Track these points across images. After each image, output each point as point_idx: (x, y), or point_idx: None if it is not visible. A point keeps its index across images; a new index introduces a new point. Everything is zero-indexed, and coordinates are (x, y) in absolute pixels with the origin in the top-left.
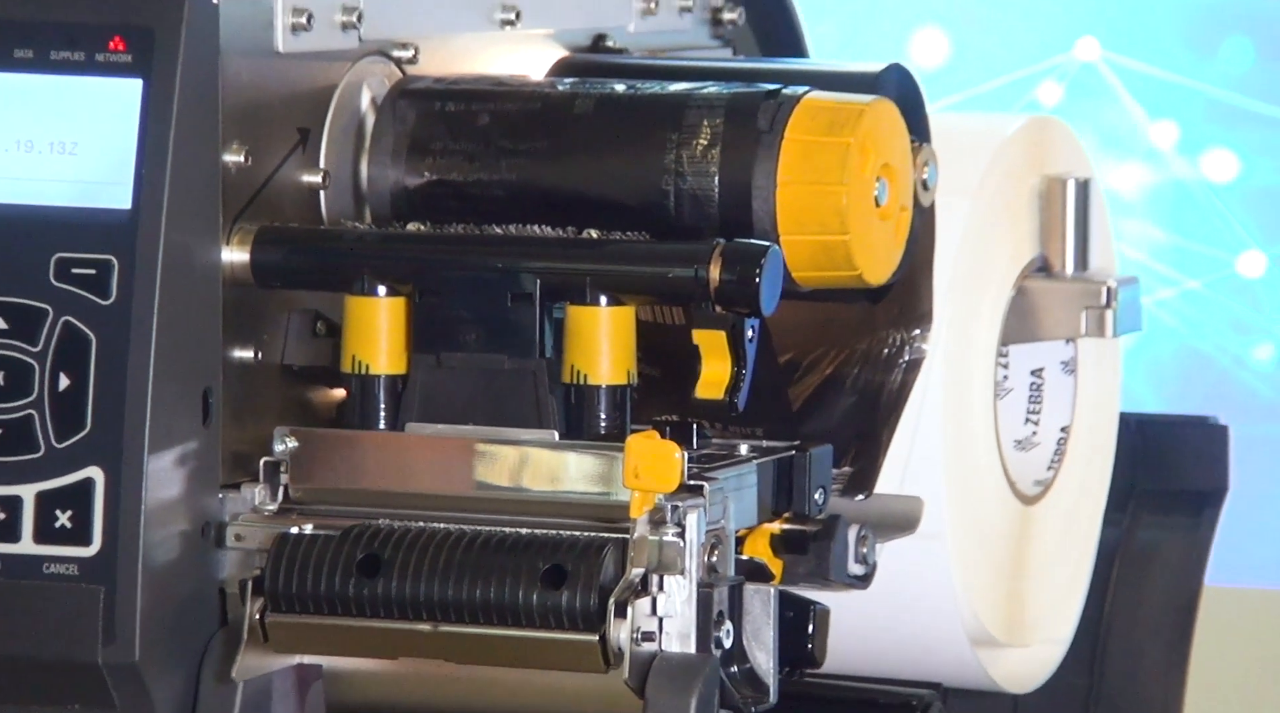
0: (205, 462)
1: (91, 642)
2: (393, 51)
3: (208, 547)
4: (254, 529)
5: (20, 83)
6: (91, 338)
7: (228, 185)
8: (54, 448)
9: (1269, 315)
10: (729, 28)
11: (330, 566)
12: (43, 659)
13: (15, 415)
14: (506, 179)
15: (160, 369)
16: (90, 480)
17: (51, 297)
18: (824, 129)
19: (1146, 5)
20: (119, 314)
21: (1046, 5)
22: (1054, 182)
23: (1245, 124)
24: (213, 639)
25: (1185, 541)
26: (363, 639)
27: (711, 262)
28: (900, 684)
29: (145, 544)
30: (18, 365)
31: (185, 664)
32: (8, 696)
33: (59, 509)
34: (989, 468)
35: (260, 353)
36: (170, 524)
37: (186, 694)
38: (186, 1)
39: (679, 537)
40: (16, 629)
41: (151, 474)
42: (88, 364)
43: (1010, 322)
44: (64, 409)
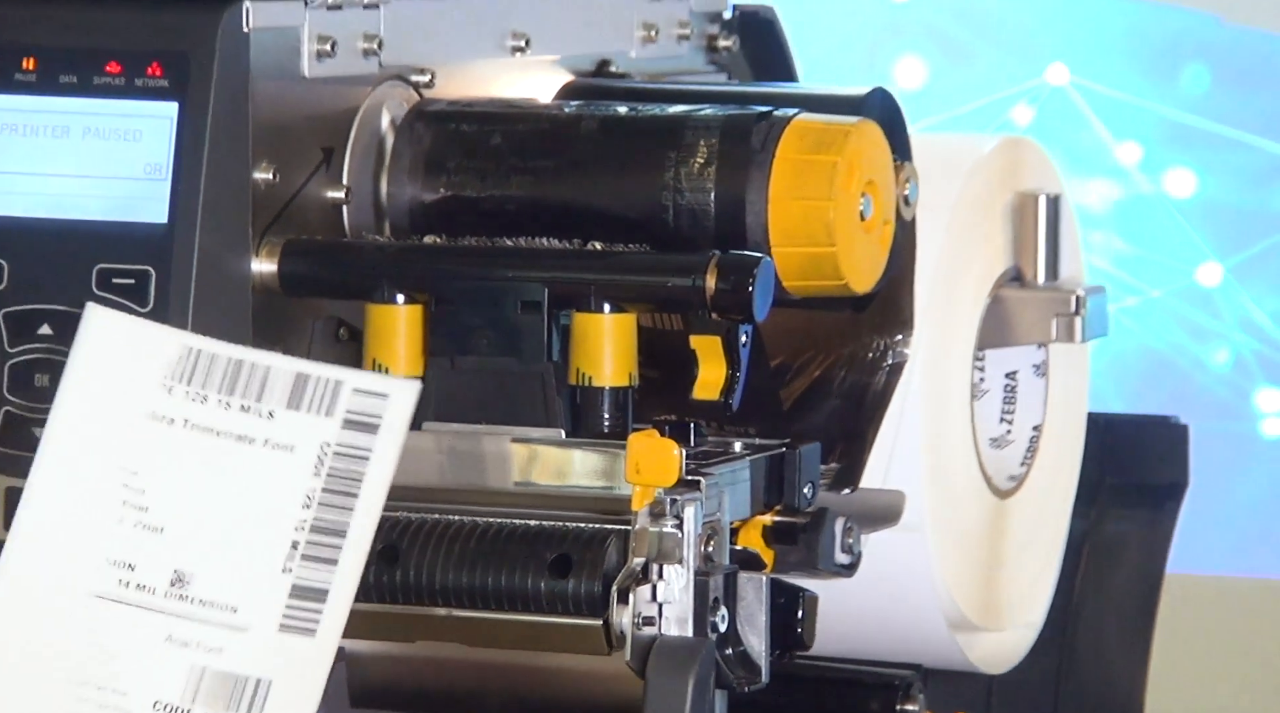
0: None
1: None
2: (411, 76)
3: None
4: None
5: (65, 105)
6: None
7: (257, 201)
8: None
9: (1225, 322)
10: (724, 54)
11: None
12: None
13: None
14: (516, 195)
15: None
16: None
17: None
18: (812, 148)
19: (1112, 34)
20: (157, 321)
21: (1019, 34)
22: (1026, 197)
23: (1203, 144)
24: None
25: (1148, 532)
26: (382, 624)
27: (708, 272)
28: (883, 666)
29: None
30: (63, 368)
31: None
32: None
33: None
34: (966, 464)
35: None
36: None
37: None
38: (219, 29)
39: (677, 528)
40: None
41: None
42: None
43: (986, 328)
44: None
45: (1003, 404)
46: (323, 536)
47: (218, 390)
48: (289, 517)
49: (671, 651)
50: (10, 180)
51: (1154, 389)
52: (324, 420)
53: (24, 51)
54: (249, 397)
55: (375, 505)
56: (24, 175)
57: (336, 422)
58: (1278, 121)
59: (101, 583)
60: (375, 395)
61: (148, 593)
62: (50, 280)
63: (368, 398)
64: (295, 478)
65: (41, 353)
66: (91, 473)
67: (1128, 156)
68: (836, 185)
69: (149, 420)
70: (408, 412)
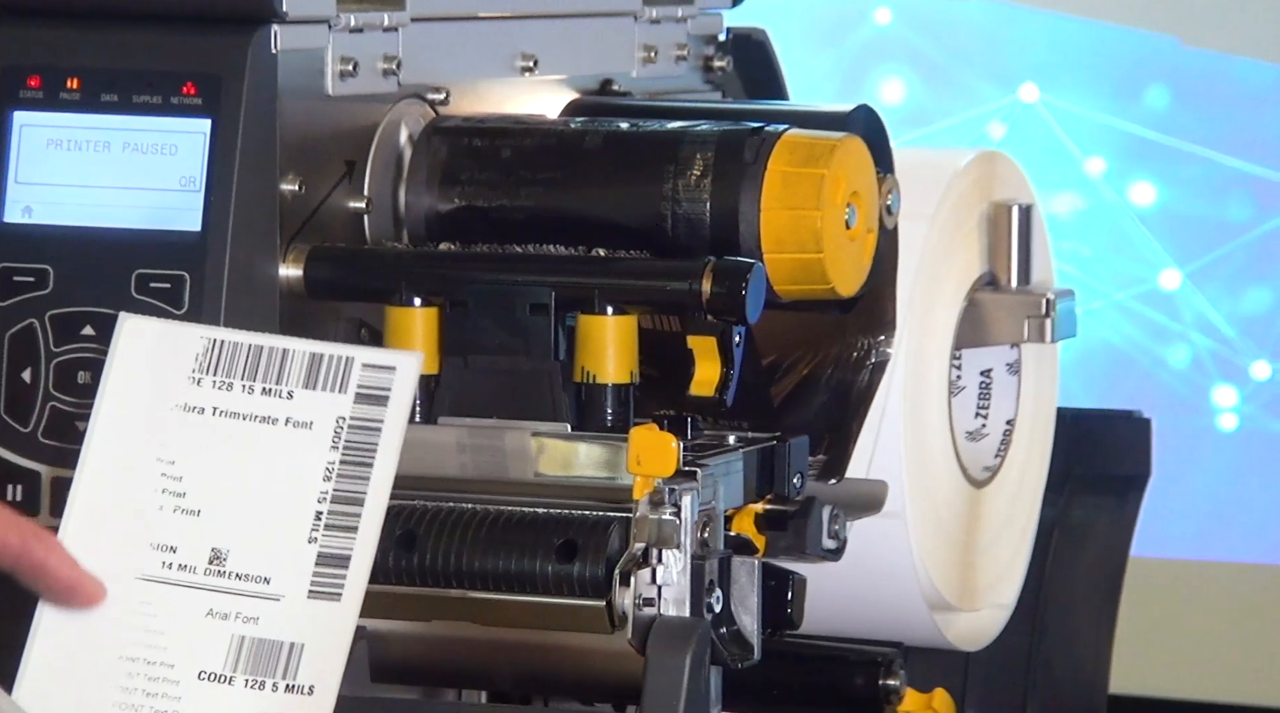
0: None
1: None
2: (427, 94)
3: None
4: None
5: (106, 122)
6: None
7: (284, 210)
8: None
9: (1184, 323)
10: (719, 74)
11: None
12: None
13: None
14: (525, 205)
15: None
16: None
17: (132, 307)
18: (801, 162)
19: (1079, 55)
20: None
21: (992, 55)
22: (1000, 207)
23: (1163, 158)
24: None
25: (1113, 518)
26: (401, 604)
27: (703, 277)
28: (867, 644)
29: None
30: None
31: None
32: None
33: None
34: (944, 456)
35: None
36: None
37: None
38: (249, 52)
39: (675, 516)
40: None
41: None
42: None
43: (962, 329)
44: None
45: (978, 400)
46: (343, 505)
47: (241, 377)
48: (312, 489)
49: (670, 630)
50: (55, 192)
51: (1118, 386)
52: (338, 396)
53: (69, 72)
54: (269, 380)
55: (388, 473)
56: (68, 187)
57: (349, 397)
58: (1233, 137)
59: (147, 566)
60: (383, 369)
61: (189, 572)
62: (92, 285)
63: (376, 372)
64: (315, 452)
65: (84, 352)
66: (133, 465)
67: (1094, 169)
68: (824, 196)
69: (181, 412)
70: (413, 381)
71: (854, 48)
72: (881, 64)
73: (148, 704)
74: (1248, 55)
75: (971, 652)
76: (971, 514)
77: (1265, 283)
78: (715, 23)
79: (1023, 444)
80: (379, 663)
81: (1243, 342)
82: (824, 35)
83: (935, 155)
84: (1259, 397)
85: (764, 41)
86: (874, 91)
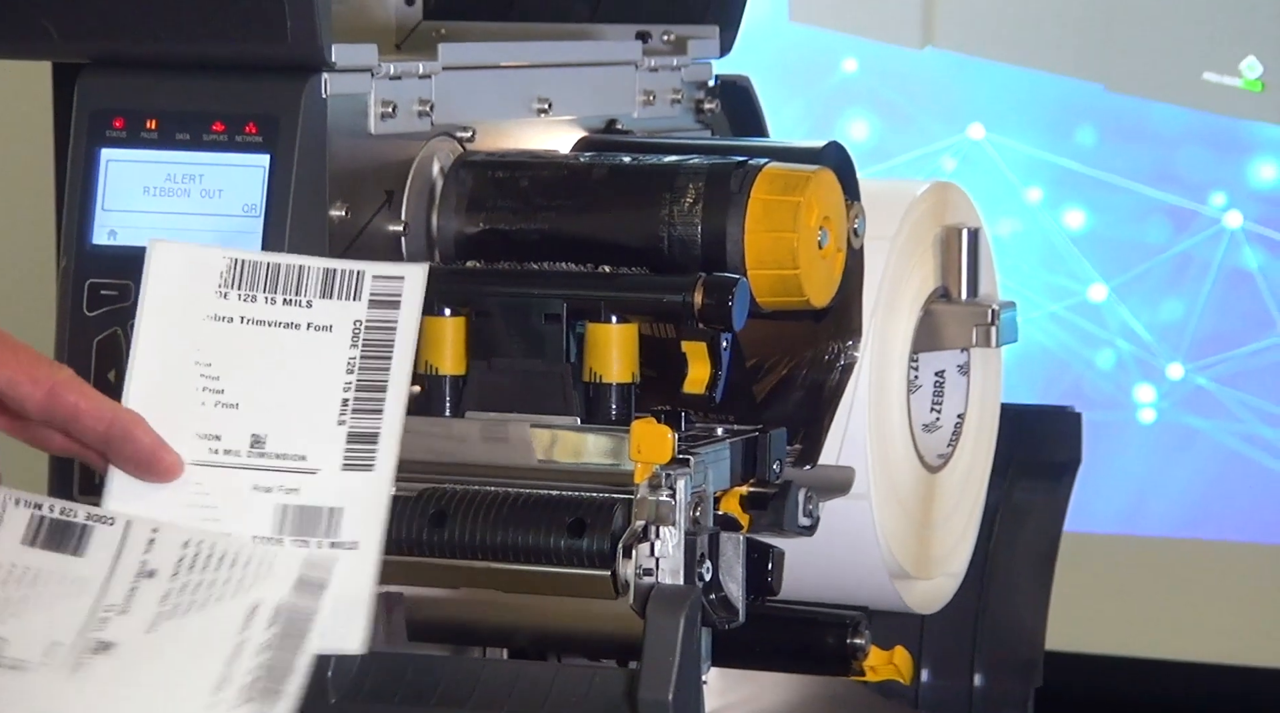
0: None
1: None
2: (456, 133)
3: None
4: None
5: (180, 157)
6: None
7: (332, 233)
8: None
9: (1110, 331)
10: (708, 114)
11: (409, 519)
12: None
13: None
14: (541, 228)
15: None
16: None
17: None
18: (780, 191)
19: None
20: None
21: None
22: (952, 230)
23: (1092, 188)
24: None
25: (1048, 499)
26: (434, 574)
27: (695, 291)
28: (836, 607)
29: None
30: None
31: None
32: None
33: None
34: (903, 445)
35: None
36: None
37: None
38: (303, 97)
39: (671, 497)
40: None
41: None
42: None
43: (919, 335)
44: None
45: (933, 397)
46: (367, 392)
47: (263, 289)
48: (337, 380)
49: (666, 596)
50: (136, 217)
51: (1053, 385)
52: (354, 304)
53: (148, 115)
54: (289, 292)
55: (406, 364)
56: (147, 213)
57: (364, 303)
58: (1151, 170)
59: (196, 453)
60: (393, 279)
61: (234, 455)
62: None
63: (387, 282)
64: (337, 350)
65: None
66: (174, 369)
67: (1032, 197)
68: (799, 221)
69: (212, 322)
70: (421, 287)
71: (825, 92)
72: (849, 107)
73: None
74: (1163, 100)
75: (927, 614)
76: (927, 496)
77: (1179, 296)
78: (705, 71)
79: (971, 435)
80: (415, 624)
81: (1160, 346)
82: (799, 81)
83: (895, 185)
84: (1173, 394)
85: (748, 87)
86: (842, 130)
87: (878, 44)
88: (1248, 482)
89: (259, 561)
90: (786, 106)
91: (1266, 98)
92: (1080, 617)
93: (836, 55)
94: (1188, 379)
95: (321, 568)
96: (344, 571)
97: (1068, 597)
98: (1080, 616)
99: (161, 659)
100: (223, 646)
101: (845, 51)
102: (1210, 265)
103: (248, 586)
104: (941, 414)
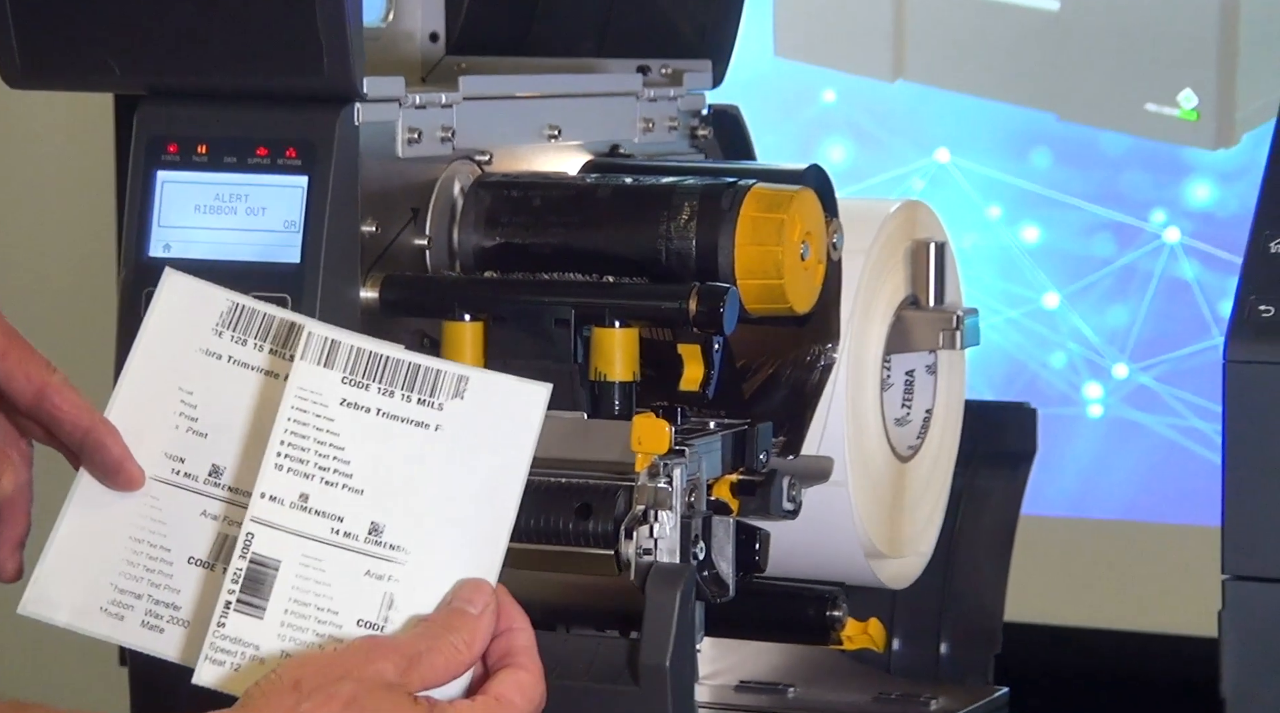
0: None
1: None
2: (475, 156)
3: None
4: None
5: (228, 179)
6: None
7: (364, 247)
8: None
9: (1062, 335)
10: (702, 140)
11: None
12: None
13: None
14: (551, 242)
15: None
16: None
17: None
18: (767, 209)
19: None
20: None
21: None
22: (920, 244)
23: (1046, 207)
24: None
25: (1007, 486)
26: None
27: (690, 298)
28: (817, 583)
29: None
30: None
31: None
32: None
33: None
34: (877, 437)
35: None
36: None
37: None
38: (337, 125)
39: (668, 484)
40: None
41: None
42: None
43: (891, 338)
44: None
45: (904, 394)
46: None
47: (254, 336)
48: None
49: (664, 573)
50: (188, 232)
51: (1012, 383)
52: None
53: (199, 141)
54: (277, 342)
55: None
56: (200, 229)
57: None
58: (1099, 190)
59: (159, 470)
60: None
61: (191, 480)
62: None
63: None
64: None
65: None
66: (158, 390)
67: (992, 215)
68: (784, 236)
69: (202, 355)
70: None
71: (806, 120)
72: (828, 133)
73: (145, 578)
74: (1109, 128)
75: (898, 589)
76: (898, 483)
77: (1123, 303)
78: (699, 100)
79: (938, 428)
80: None
81: (1106, 349)
82: (783, 110)
83: (870, 204)
84: (1119, 392)
85: (737, 115)
86: (822, 154)
87: (854, 77)
88: (1185, 470)
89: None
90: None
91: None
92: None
93: (817, 87)
94: (1132, 378)
95: None
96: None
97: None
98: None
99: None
100: None
101: (825, 84)
102: (1151, 276)
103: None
104: (911, 409)
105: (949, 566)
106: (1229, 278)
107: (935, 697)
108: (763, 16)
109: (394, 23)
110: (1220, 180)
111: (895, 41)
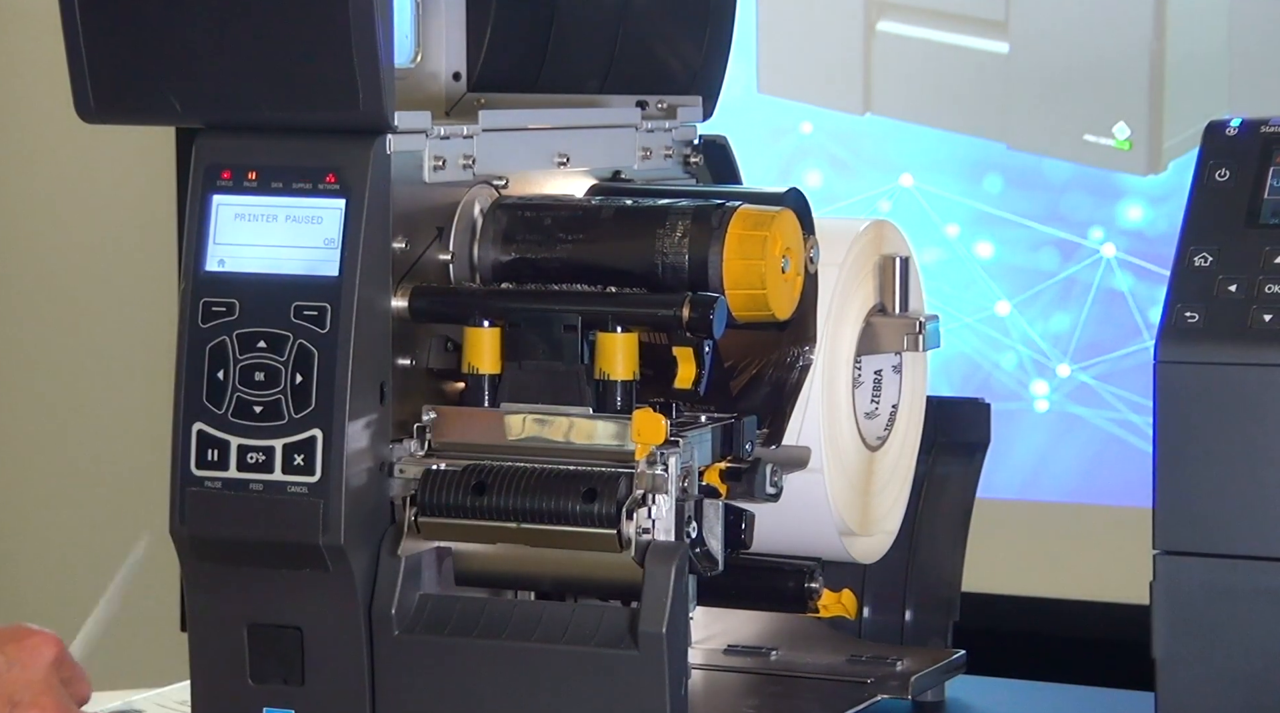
0: (381, 427)
1: (314, 532)
2: (493, 181)
3: (383, 477)
4: (411, 467)
5: (275, 202)
6: (314, 352)
7: (394, 261)
8: (293, 418)
9: (1012, 338)
10: (694, 166)
11: (456, 488)
12: (286, 542)
13: (271, 398)
14: (561, 256)
15: (355, 371)
16: (315, 437)
17: (291, 328)
18: (751, 227)
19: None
20: (331, 338)
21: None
22: (888, 258)
23: (998, 226)
24: (387, 532)
25: (964, 472)
26: (475, 532)
27: (684, 306)
28: (796, 559)
29: (346, 475)
30: (272, 369)
31: (370, 546)
32: (263, 563)
33: (296, 454)
34: (849, 429)
35: (414, 361)
36: (361, 464)
37: (370, 565)
38: (371, 154)
39: (664, 471)
40: (272, 523)
41: (349, 434)
42: (312, 368)
43: (862, 341)
44: (299, 395)
45: (873, 390)
46: None
47: None
48: None
49: (661, 550)
50: (240, 249)
51: (969, 381)
52: None
53: (249, 168)
54: None
55: None
56: (249, 246)
57: None
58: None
59: None
60: None
61: None
62: (266, 312)
63: None
64: None
65: (260, 359)
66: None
67: (951, 233)
68: (767, 251)
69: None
70: None
71: (787, 148)
72: (805, 160)
73: None
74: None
75: (868, 564)
76: (868, 470)
77: (1066, 311)
78: (691, 132)
79: (903, 421)
80: (461, 573)
81: (1052, 351)
82: (766, 140)
83: (843, 222)
84: (1063, 389)
85: (725, 144)
86: (800, 179)
87: (828, 110)
88: (1121, 458)
89: None
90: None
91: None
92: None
93: (795, 119)
94: (1074, 377)
95: None
96: None
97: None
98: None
99: None
100: None
101: (802, 116)
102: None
103: None
104: (879, 404)
105: (913, 542)
106: (1158, 288)
107: (901, 658)
108: (747, 57)
109: (421, 64)
110: (1150, 202)
111: (865, 80)
